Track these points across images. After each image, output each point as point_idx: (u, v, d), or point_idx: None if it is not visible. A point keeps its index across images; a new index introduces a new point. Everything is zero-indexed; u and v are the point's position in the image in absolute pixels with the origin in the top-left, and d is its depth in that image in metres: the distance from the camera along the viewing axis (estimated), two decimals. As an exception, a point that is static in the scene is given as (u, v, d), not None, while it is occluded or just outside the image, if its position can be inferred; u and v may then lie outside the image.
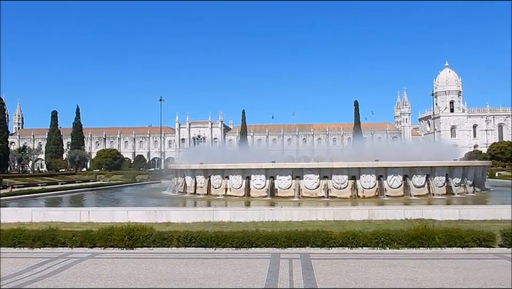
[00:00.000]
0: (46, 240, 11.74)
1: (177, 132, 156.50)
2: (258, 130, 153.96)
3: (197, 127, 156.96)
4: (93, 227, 13.25)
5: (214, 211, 16.77)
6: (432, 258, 10.17)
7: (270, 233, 11.57)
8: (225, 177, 26.56)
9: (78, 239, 11.72)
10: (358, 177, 24.61)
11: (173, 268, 9.50)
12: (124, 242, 11.49)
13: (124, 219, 15.32)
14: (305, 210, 16.82)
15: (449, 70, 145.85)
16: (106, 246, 11.57)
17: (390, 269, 9.18)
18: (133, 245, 11.50)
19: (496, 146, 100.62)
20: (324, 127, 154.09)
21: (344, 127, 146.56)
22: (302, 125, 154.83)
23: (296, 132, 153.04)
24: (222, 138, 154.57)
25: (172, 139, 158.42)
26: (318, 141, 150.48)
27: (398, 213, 16.15)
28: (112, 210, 17.29)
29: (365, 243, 11.12)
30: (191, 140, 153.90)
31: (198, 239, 11.42)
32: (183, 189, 29.69)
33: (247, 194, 25.62)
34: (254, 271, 9.10)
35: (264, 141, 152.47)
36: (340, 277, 8.57)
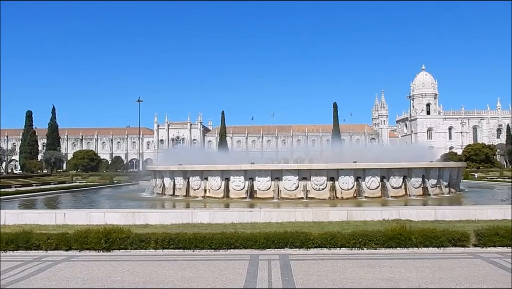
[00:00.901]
0: (20, 243, 11.46)
1: (156, 133, 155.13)
2: (238, 132, 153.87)
3: (176, 128, 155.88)
4: (68, 229, 12.98)
5: (192, 213, 16.64)
6: (408, 258, 10.32)
7: (249, 235, 11.56)
8: (204, 179, 26.42)
9: (53, 242, 11.48)
10: (337, 178, 24.81)
11: (151, 270, 9.39)
12: (101, 244, 11.31)
13: (101, 221, 15.09)
14: (284, 212, 16.84)
15: (425, 73, 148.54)
16: (83, 248, 11.37)
17: (367, 269, 9.28)
18: (110, 247, 11.33)
19: (470, 148, 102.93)
20: (303, 128, 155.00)
21: (323, 129, 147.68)
22: (282, 126, 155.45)
23: (275, 133, 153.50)
24: (201, 140, 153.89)
25: (150, 140, 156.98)
26: (297, 142, 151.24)
27: (375, 214, 16.32)
28: (89, 212, 16.98)
29: (343, 244, 11.22)
30: (170, 141, 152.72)
31: (176, 240, 11.34)
32: (162, 191, 29.42)
33: (226, 195, 25.54)
34: (232, 273, 9.07)
35: (243, 142, 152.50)
36: (318, 278, 8.61)
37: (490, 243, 11.24)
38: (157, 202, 26.22)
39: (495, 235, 11.29)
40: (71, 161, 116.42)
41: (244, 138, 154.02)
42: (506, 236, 11.24)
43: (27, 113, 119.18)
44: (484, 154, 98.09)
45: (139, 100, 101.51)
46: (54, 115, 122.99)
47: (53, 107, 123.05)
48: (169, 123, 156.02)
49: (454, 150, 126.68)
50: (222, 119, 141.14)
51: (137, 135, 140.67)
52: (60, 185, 47.30)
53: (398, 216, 15.92)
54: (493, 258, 10.09)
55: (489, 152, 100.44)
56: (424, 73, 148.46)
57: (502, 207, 17.93)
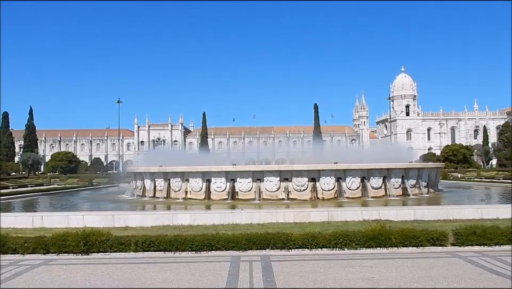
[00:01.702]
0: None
1: (136, 134, 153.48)
2: (219, 133, 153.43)
3: (157, 129, 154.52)
4: (46, 233, 12.73)
5: (173, 214, 16.52)
6: (388, 257, 10.43)
7: (231, 236, 11.52)
8: (185, 180, 26.26)
9: (30, 245, 11.24)
10: (318, 179, 24.95)
11: (131, 273, 9.27)
12: (79, 247, 11.12)
13: (80, 224, 14.85)
14: (265, 213, 16.85)
15: (405, 75, 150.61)
16: (61, 252, 11.16)
17: (348, 269, 9.34)
18: (89, 250, 11.16)
19: (448, 149, 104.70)
20: (285, 129, 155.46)
21: (304, 130, 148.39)
22: (263, 127, 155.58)
23: (257, 135, 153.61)
24: (182, 141, 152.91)
25: (131, 141, 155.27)
26: (279, 144, 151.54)
27: (356, 214, 16.46)
28: (67, 215, 16.69)
29: (324, 245, 11.28)
30: (151, 143, 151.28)
31: (157, 243, 11.23)
32: (142, 193, 29.13)
33: (207, 197, 25.43)
34: (214, 274, 9.02)
35: (225, 143, 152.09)
36: (299, 278, 8.63)
37: (468, 242, 11.45)
38: (137, 204, 25.94)
39: (472, 235, 11.51)
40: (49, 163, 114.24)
41: (225, 140, 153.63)
42: (483, 235, 11.46)
43: (3, 114, 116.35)
44: (462, 154, 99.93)
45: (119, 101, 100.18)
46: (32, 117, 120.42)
47: (30, 109, 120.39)
48: (149, 125, 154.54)
49: (433, 150, 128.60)
50: (203, 120, 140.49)
51: (117, 137, 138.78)
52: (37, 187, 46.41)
53: (378, 216, 16.09)
54: (470, 257, 10.26)
55: (466, 152, 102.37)
56: (404, 75, 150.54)
57: (479, 207, 18.33)
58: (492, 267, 9.27)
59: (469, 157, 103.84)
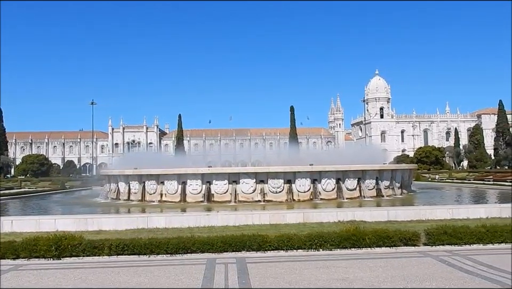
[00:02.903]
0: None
1: (111, 137, 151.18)
2: (195, 135, 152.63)
3: (132, 131, 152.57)
4: (16, 237, 12.40)
5: (148, 217, 16.33)
6: (362, 258, 10.56)
7: (206, 239, 11.47)
8: (160, 183, 26.00)
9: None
10: (294, 181, 25.07)
11: (104, 277, 9.12)
12: (51, 252, 10.88)
13: (52, 228, 14.52)
14: (241, 215, 16.83)
15: (379, 77, 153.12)
16: (31, 257, 10.89)
17: (323, 269, 9.42)
18: (61, 255, 10.92)
19: (421, 151, 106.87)
20: (261, 131, 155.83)
21: (280, 132, 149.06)
22: (239, 129, 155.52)
23: (233, 137, 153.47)
24: (158, 143, 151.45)
25: (105, 144, 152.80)
26: (255, 146, 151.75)
27: (331, 215, 16.61)
28: (38, 219, 16.26)
29: (299, 246, 11.34)
30: (125, 145, 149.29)
31: (131, 246, 11.08)
32: (116, 195, 28.69)
33: (183, 199, 25.24)
34: (188, 277, 8.96)
35: (201, 145, 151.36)
36: (274, 280, 8.65)
37: (439, 242, 11.72)
38: (111, 207, 25.54)
39: (443, 234, 11.78)
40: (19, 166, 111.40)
41: (201, 142, 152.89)
42: (454, 235, 11.74)
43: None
44: (434, 156, 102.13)
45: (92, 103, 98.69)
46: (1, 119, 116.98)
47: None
48: (124, 127, 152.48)
49: (406, 152, 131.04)
50: (179, 122, 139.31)
51: (90, 139, 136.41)
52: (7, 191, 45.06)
53: (353, 217, 16.28)
54: (441, 256, 10.50)
55: (438, 154, 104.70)
56: (378, 78, 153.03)
57: (450, 207, 18.76)
58: (462, 266, 9.50)
59: (441, 159, 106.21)
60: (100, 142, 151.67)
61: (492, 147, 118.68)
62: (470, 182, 48.16)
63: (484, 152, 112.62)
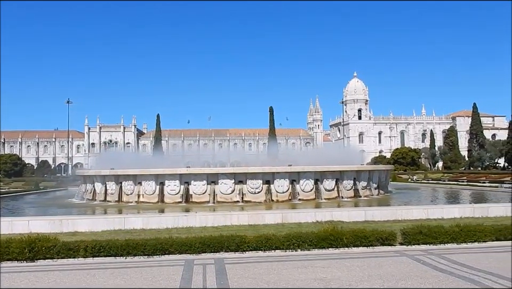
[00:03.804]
0: None
1: (87, 136, 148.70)
2: (174, 135, 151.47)
3: (109, 131, 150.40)
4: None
5: (125, 218, 16.11)
6: (340, 257, 10.65)
7: (184, 240, 11.39)
8: (137, 183, 25.72)
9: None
10: (272, 181, 25.13)
11: (79, 279, 8.96)
12: (24, 254, 10.62)
13: (25, 230, 14.17)
14: (220, 215, 16.78)
15: (357, 79, 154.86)
16: (3, 259, 10.61)
17: (301, 269, 9.46)
18: (35, 257, 10.68)
19: (398, 152, 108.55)
20: (240, 132, 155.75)
21: (259, 133, 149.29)
22: (218, 130, 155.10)
23: (212, 137, 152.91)
24: (136, 143, 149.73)
25: (81, 143, 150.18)
26: (234, 146, 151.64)
27: (309, 216, 16.71)
28: (11, 221, 15.87)
29: (277, 246, 11.37)
30: (102, 145, 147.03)
31: (107, 248, 10.91)
32: (92, 196, 28.26)
33: (161, 200, 25.03)
34: (166, 279, 8.88)
35: (179, 145, 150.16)
36: (253, 280, 8.65)
37: (415, 241, 11.92)
38: (87, 208, 25.13)
39: (419, 234, 11.99)
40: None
41: (179, 142, 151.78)
42: (429, 234, 11.97)
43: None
44: (410, 157, 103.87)
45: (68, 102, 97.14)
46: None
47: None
48: (101, 126, 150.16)
49: (384, 153, 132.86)
50: (157, 122, 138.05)
51: (66, 138, 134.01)
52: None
53: (331, 217, 16.41)
54: (417, 256, 10.67)
55: (415, 155, 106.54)
56: (356, 80, 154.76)
57: (425, 207, 19.13)
58: (436, 265, 9.67)
59: (417, 160, 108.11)
60: (76, 142, 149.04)
61: (465, 149, 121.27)
62: (445, 183, 49.18)
63: (458, 154, 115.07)
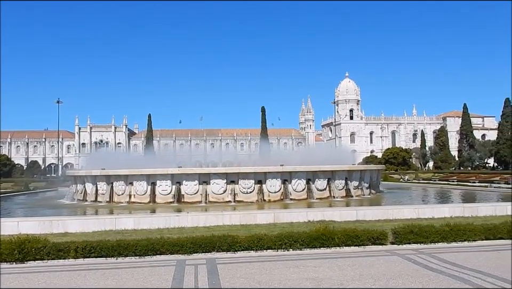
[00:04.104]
0: None
1: (77, 136, 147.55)
2: (165, 135, 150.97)
3: (99, 131, 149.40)
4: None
5: (116, 219, 16.03)
6: (331, 257, 10.69)
7: (176, 240, 11.36)
8: (129, 184, 25.59)
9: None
10: (264, 181, 25.15)
11: (70, 281, 8.89)
12: (14, 256, 10.52)
13: (14, 231, 14.00)
14: (211, 215, 16.76)
15: (349, 80, 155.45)
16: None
17: (292, 269, 9.47)
18: (24, 259, 10.58)
19: (389, 152, 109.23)
20: (232, 132, 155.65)
21: (251, 133, 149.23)
22: (210, 130, 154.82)
23: (204, 137, 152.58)
24: (127, 143, 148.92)
25: (71, 144, 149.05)
26: (226, 146, 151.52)
27: (301, 215, 16.75)
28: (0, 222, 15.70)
29: (269, 246, 11.38)
30: (93, 145, 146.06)
31: (98, 248, 10.84)
32: (83, 197, 28.07)
33: (152, 200, 24.94)
34: (158, 279, 8.85)
35: (171, 145, 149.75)
36: (244, 280, 8.64)
37: (405, 240, 12.00)
38: (78, 209, 24.96)
39: (410, 233, 12.07)
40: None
41: (171, 142, 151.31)
42: (420, 234, 12.05)
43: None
44: (401, 157, 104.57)
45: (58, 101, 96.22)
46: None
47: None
48: (91, 126, 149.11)
49: (375, 153, 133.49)
50: (149, 122, 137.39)
51: (56, 138, 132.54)
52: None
53: (322, 217, 16.45)
54: (408, 255, 10.74)
55: (406, 155, 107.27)
56: (348, 80, 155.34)
57: (416, 207, 19.25)
58: (427, 264, 9.74)
59: (408, 160, 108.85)
60: (66, 142, 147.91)
61: (456, 149, 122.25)
62: (436, 182, 49.57)
63: (449, 154, 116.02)
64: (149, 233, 13.53)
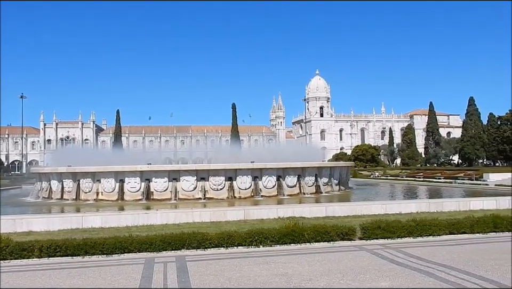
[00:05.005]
0: None
1: (42, 132, 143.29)
2: (134, 132, 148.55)
3: (66, 127, 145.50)
4: None
5: (83, 217, 15.69)
6: (301, 253, 10.77)
7: (144, 238, 11.21)
8: (96, 181, 25.10)
9: None
10: (235, 178, 25.14)
11: (34, 281, 8.63)
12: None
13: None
14: (181, 213, 16.63)
15: (319, 77, 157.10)
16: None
17: (262, 265, 9.50)
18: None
19: (358, 149, 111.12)
20: (203, 129, 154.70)
21: (222, 129, 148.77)
22: (180, 126, 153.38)
23: (174, 134, 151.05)
24: (94, 140, 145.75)
25: (36, 140, 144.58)
26: (197, 143, 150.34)
27: (271, 212, 16.83)
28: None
29: (240, 243, 11.38)
30: (59, 141, 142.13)
31: (63, 247, 10.57)
32: (48, 195, 27.36)
33: (120, 198, 24.55)
34: (126, 278, 8.70)
35: (140, 142, 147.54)
36: (214, 277, 8.61)
37: (373, 236, 12.22)
38: (43, 207, 24.29)
39: (377, 229, 12.30)
40: None
41: (140, 138, 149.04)
42: (387, 229, 12.30)
43: None
44: (370, 154, 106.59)
45: (22, 96, 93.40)
46: None
47: None
48: (57, 122, 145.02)
49: (344, 150, 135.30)
50: (117, 118, 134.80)
51: (19, 135, 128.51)
52: None
53: (292, 213, 16.59)
54: (375, 250, 10.94)
55: (374, 152, 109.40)
56: (318, 77, 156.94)
57: (383, 203, 19.65)
58: (393, 258, 9.95)
59: (377, 157, 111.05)
60: (31, 138, 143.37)
61: (423, 146, 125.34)
62: (403, 179, 50.66)
63: (416, 151, 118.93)
64: (117, 231, 13.31)
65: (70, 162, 27.22)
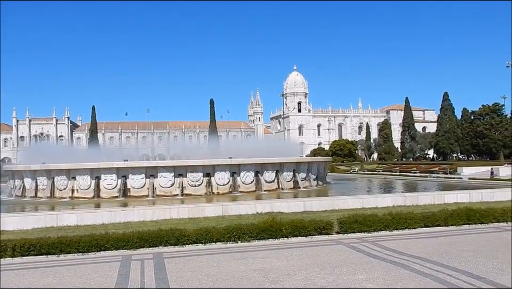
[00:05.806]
0: None
1: (15, 129, 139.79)
2: (110, 128, 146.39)
3: (39, 123, 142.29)
4: None
5: (58, 215, 15.38)
6: (279, 248, 10.82)
7: (121, 235, 11.07)
8: (71, 178, 24.65)
9: None
10: (213, 174, 25.06)
11: (7, 281, 8.42)
12: None
13: None
14: (159, 209, 16.47)
15: (297, 73, 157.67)
16: None
17: (241, 261, 9.50)
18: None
19: (336, 144, 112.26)
20: (180, 124, 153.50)
21: (200, 125, 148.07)
22: (158, 122, 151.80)
23: (151, 130, 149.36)
24: (69, 136, 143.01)
25: (9, 137, 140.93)
26: (174, 139, 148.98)
27: (250, 208, 16.83)
28: None
29: (218, 239, 11.35)
30: (32, 138, 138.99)
31: (38, 246, 10.35)
32: (22, 193, 26.77)
33: (97, 195, 24.18)
34: (102, 276, 8.57)
35: (117, 138, 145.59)
36: (192, 274, 8.57)
37: (350, 230, 12.36)
38: (16, 205, 23.73)
39: (354, 223, 12.45)
40: None
41: (117, 135, 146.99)
42: (364, 223, 12.46)
43: None
44: (348, 149, 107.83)
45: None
46: None
47: None
48: (31, 119, 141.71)
49: (322, 145, 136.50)
50: (93, 114, 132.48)
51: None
52: None
53: (270, 208, 16.64)
54: (352, 244, 11.07)
55: (352, 147, 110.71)
56: (296, 73, 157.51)
57: (360, 197, 19.91)
58: (370, 252, 10.09)
59: (354, 151, 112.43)
60: (3, 135, 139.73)
61: (399, 141, 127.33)
62: (380, 173, 51.46)
63: (392, 146, 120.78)
64: (93, 229, 13.10)
65: (44, 160, 26.66)
